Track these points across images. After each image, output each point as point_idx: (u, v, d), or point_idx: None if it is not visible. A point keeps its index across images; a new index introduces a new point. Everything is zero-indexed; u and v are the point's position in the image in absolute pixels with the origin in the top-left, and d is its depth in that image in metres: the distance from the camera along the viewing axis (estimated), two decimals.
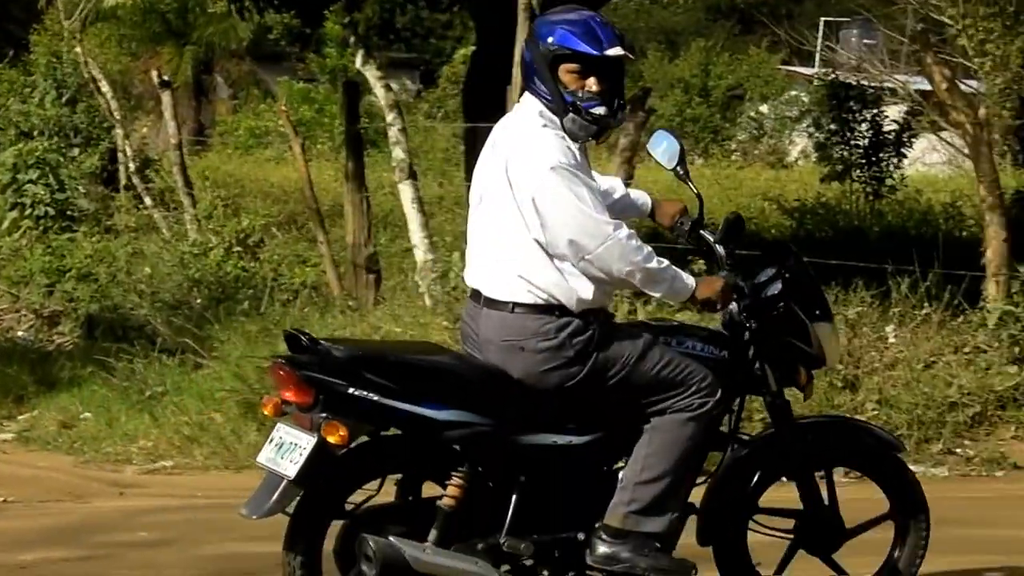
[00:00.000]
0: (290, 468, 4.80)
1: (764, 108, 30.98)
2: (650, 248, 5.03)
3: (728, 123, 31.71)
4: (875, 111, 17.23)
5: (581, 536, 5.13)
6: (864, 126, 17.15)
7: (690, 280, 5.09)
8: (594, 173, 5.19)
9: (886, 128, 17.15)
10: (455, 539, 5.01)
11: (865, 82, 17.61)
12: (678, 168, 5.49)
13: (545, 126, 5.00)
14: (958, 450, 9.45)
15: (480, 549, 5.01)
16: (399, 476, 5.17)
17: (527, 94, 5.09)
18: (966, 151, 11.86)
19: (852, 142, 17.19)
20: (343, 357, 4.89)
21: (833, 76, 18.20)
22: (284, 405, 4.93)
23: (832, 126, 17.57)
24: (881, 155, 17.04)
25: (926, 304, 10.30)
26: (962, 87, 12.08)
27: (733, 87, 32.95)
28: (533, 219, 4.94)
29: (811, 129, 19.60)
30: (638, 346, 5.09)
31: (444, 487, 5.04)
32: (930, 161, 22.12)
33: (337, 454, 4.85)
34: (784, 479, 5.65)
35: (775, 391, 5.45)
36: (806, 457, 5.54)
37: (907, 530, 5.69)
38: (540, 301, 4.98)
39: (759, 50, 33.84)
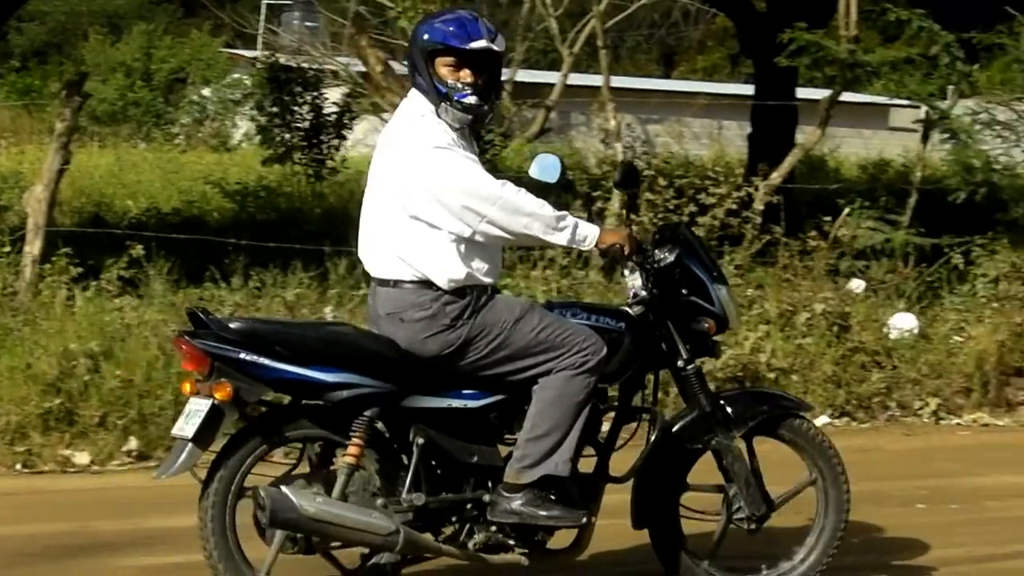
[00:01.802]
0: (189, 430, 5.13)
1: (207, 91, 30.59)
2: (543, 201, 5.28)
3: (171, 107, 31.15)
4: (316, 94, 17.27)
5: (486, 498, 5.37)
6: (305, 109, 17.17)
7: (593, 227, 5.36)
8: None
9: (327, 111, 17.24)
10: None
11: (306, 65, 17.66)
12: (562, 179, 5.69)
13: (424, 116, 5.34)
14: None
15: (380, 504, 5.26)
16: (318, 452, 5.41)
17: (412, 89, 5.45)
18: None
19: (293, 125, 17.18)
20: (236, 327, 5.25)
21: (274, 59, 18.14)
22: (198, 382, 5.24)
23: (274, 109, 17.48)
24: (322, 137, 17.11)
25: (364, 284, 10.28)
26: (403, 69, 12.18)
27: (176, 71, 32.44)
28: (418, 200, 5.23)
29: (254, 112, 19.48)
30: (515, 311, 5.37)
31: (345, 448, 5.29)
32: (372, 143, 22.43)
33: (234, 413, 5.20)
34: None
35: (687, 358, 5.62)
36: (727, 426, 5.68)
37: (829, 489, 5.85)
38: (416, 277, 5.28)
39: (201, 33, 33.46)
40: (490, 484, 5.40)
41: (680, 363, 5.64)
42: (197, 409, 5.18)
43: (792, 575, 5.86)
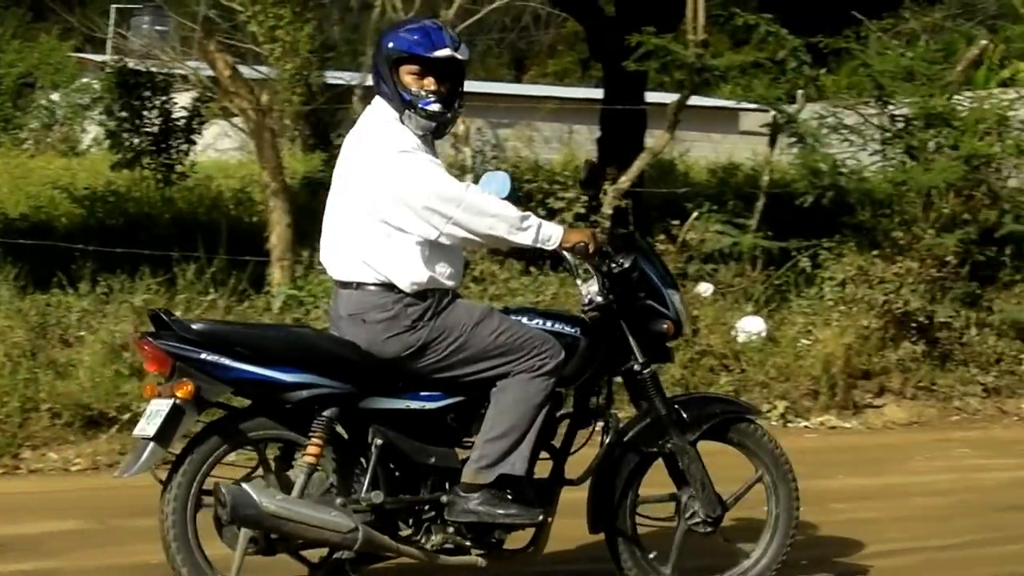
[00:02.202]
0: (151, 429, 5.15)
1: (56, 96, 30.02)
2: (507, 202, 5.41)
3: (19, 112, 30.52)
4: (165, 98, 17.03)
5: (444, 499, 5.43)
6: (154, 113, 16.92)
7: (557, 227, 5.45)
8: None
9: (176, 115, 17.01)
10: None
11: (155, 69, 17.43)
12: (514, 194, 5.70)
13: (389, 122, 5.41)
14: None
15: (339, 503, 5.31)
16: (278, 454, 5.47)
17: (376, 97, 5.51)
18: None
19: (143, 129, 16.92)
20: (198, 328, 5.32)
21: (123, 63, 17.89)
22: (159, 385, 5.29)
23: (123, 113, 17.21)
24: (171, 142, 16.88)
25: (212, 290, 10.12)
26: (255, 73, 12.08)
27: (24, 75, 31.79)
28: (384, 203, 5.30)
29: (103, 117, 19.17)
30: (474, 315, 5.44)
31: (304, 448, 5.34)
32: (222, 147, 22.20)
33: (195, 413, 5.24)
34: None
35: (643, 362, 5.68)
36: (682, 429, 5.75)
37: (780, 490, 5.97)
38: (379, 280, 5.35)
39: (50, 37, 32.81)
40: (447, 485, 5.46)
41: (637, 367, 5.70)
42: (158, 409, 5.21)
43: (752, 572, 5.96)
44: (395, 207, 5.31)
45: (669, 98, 13.66)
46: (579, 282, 5.67)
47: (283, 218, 10.91)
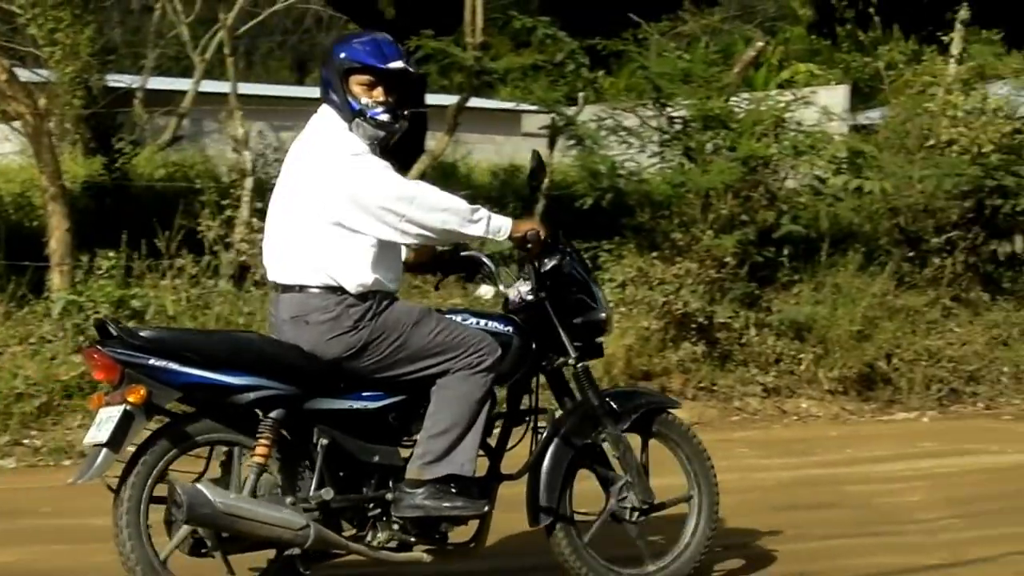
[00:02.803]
0: (103, 436, 5.20)
1: None
2: (456, 196, 5.54)
3: None
4: None
5: (389, 496, 5.56)
6: None
7: (505, 218, 5.56)
8: None
9: None
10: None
11: None
12: None
13: (338, 129, 5.52)
14: (25, 441, 9.12)
15: (289, 502, 5.42)
16: (223, 457, 5.54)
17: (323, 105, 5.60)
18: None
19: None
20: (144, 336, 5.37)
21: None
22: (105, 394, 5.37)
23: None
24: None
25: None
26: (35, 76, 11.72)
27: None
28: (339, 205, 5.39)
29: None
30: (414, 315, 5.56)
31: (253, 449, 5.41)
32: (3, 151, 21.52)
33: (144, 419, 5.29)
34: None
35: (576, 356, 5.85)
36: (615, 419, 5.95)
37: (700, 479, 6.18)
38: (323, 283, 5.45)
39: None
40: (390, 483, 5.58)
41: (571, 361, 5.87)
42: (109, 416, 5.27)
43: (684, 556, 6.15)
44: (350, 209, 5.41)
45: (452, 100, 13.62)
46: (501, 286, 5.93)
47: (62, 223, 10.75)
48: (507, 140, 24.74)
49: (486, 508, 5.65)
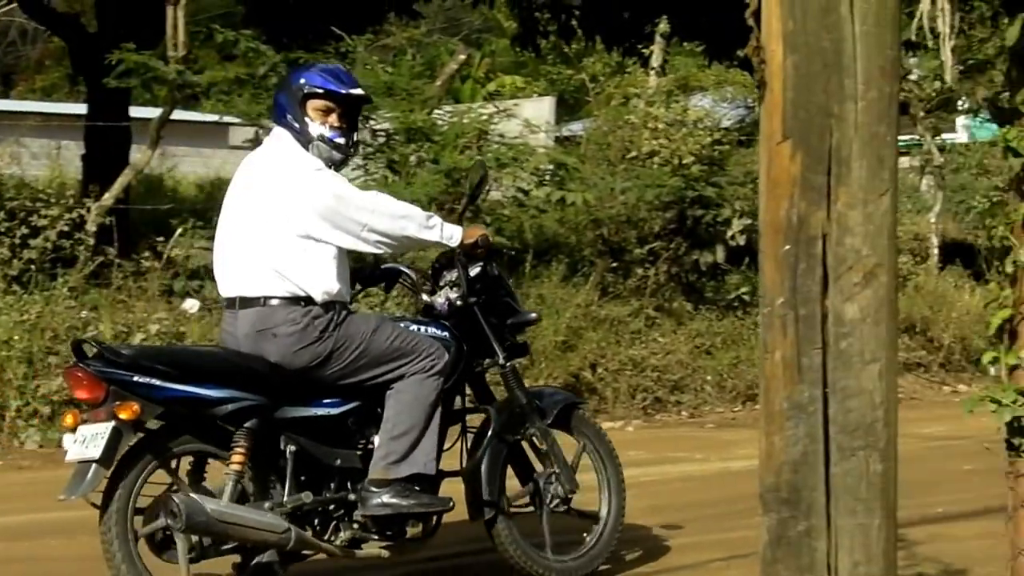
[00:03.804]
0: (94, 452, 5.34)
1: None
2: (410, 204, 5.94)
3: None
4: None
5: (352, 497, 5.80)
6: None
7: (455, 225, 5.97)
8: None
9: None
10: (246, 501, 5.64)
11: None
12: None
13: (296, 148, 5.73)
14: None
15: (267, 507, 5.61)
16: (189, 468, 5.69)
17: (277, 128, 5.85)
18: None
19: None
20: (126, 354, 5.55)
21: None
22: (81, 412, 5.50)
23: None
24: None
25: None
26: None
27: None
28: (303, 218, 5.61)
29: None
30: (371, 323, 5.83)
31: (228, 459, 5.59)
32: None
33: (131, 434, 5.43)
34: None
35: (505, 356, 6.21)
36: (541, 416, 6.30)
37: (604, 457, 6.58)
38: (289, 294, 5.63)
39: None
40: (349, 484, 5.83)
41: (501, 360, 6.21)
42: (96, 432, 5.39)
43: (599, 544, 6.52)
44: (315, 221, 5.62)
45: (157, 113, 13.33)
46: (424, 296, 6.23)
47: None
48: (215, 153, 24.41)
49: (451, 504, 5.92)
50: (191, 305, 11.10)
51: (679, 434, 11.32)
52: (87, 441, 5.40)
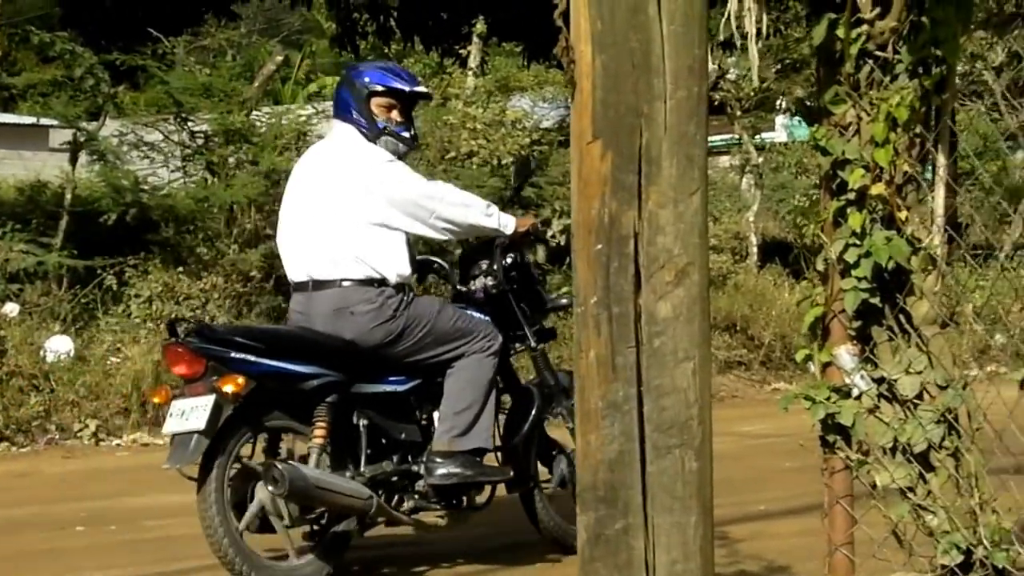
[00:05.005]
0: (197, 424, 5.58)
1: None
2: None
3: None
4: None
5: (415, 468, 6.08)
6: None
7: (510, 216, 6.26)
8: None
9: None
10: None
11: None
12: None
13: (363, 142, 6.04)
14: None
15: (348, 476, 5.91)
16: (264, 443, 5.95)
17: (339, 122, 6.16)
18: None
19: None
20: (222, 331, 6.02)
21: None
22: (172, 389, 5.81)
23: None
24: None
25: None
26: None
27: None
28: (378, 207, 5.92)
29: None
30: (436, 305, 6.19)
31: (311, 432, 5.88)
32: None
33: (229, 407, 5.63)
34: None
35: (535, 342, 6.47)
36: (567, 395, 6.40)
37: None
38: (365, 276, 5.93)
39: None
40: (409, 457, 6.11)
41: (532, 343, 6.47)
42: (196, 405, 5.64)
43: None
44: (388, 209, 5.93)
45: None
46: (460, 285, 6.45)
47: None
48: (35, 155, 23.79)
49: (511, 474, 6.24)
50: (11, 308, 10.82)
51: None
52: (186, 414, 5.66)
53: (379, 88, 6.10)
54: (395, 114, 6.13)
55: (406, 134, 6.18)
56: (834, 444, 3.90)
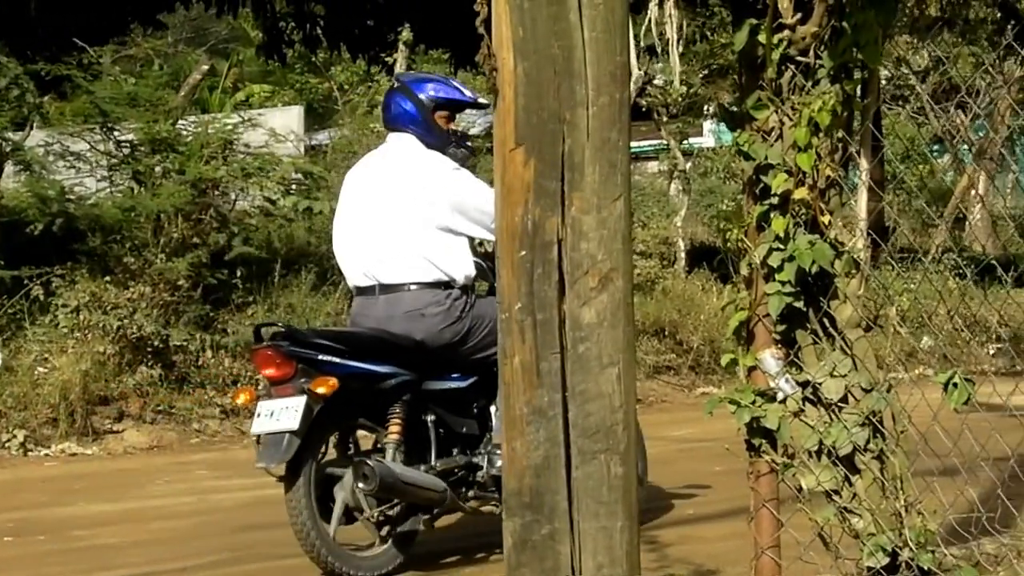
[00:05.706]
0: (290, 424, 5.74)
1: None
2: None
3: None
4: None
5: (476, 460, 6.32)
6: None
7: None
8: None
9: None
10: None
11: None
12: None
13: (427, 151, 6.28)
14: None
15: (423, 470, 6.12)
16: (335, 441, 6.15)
17: (396, 133, 6.40)
18: None
19: None
20: (308, 335, 6.13)
21: None
22: (257, 389, 6.03)
23: None
24: None
25: None
26: None
27: None
28: (445, 212, 6.16)
29: None
30: (494, 304, 6.22)
31: (386, 428, 6.11)
32: None
33: (318, 408, 5.80)
34: None
35: None
36: None
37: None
38: (434, 279, 6.18)
39: None
40: (468, 450, 6.35)
41: None
42: (287, 406, 5.80)
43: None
44: (453, 215, 6.17)
45: None
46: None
47: None
48: None
49: None
50: None
51: None
52: (276, 414, 5.81)
53: (441, 99, 6.36)
54: (453, 125, 6.42)
55: (470, 143, 6.54)
56: (760, 448, 3.90)
